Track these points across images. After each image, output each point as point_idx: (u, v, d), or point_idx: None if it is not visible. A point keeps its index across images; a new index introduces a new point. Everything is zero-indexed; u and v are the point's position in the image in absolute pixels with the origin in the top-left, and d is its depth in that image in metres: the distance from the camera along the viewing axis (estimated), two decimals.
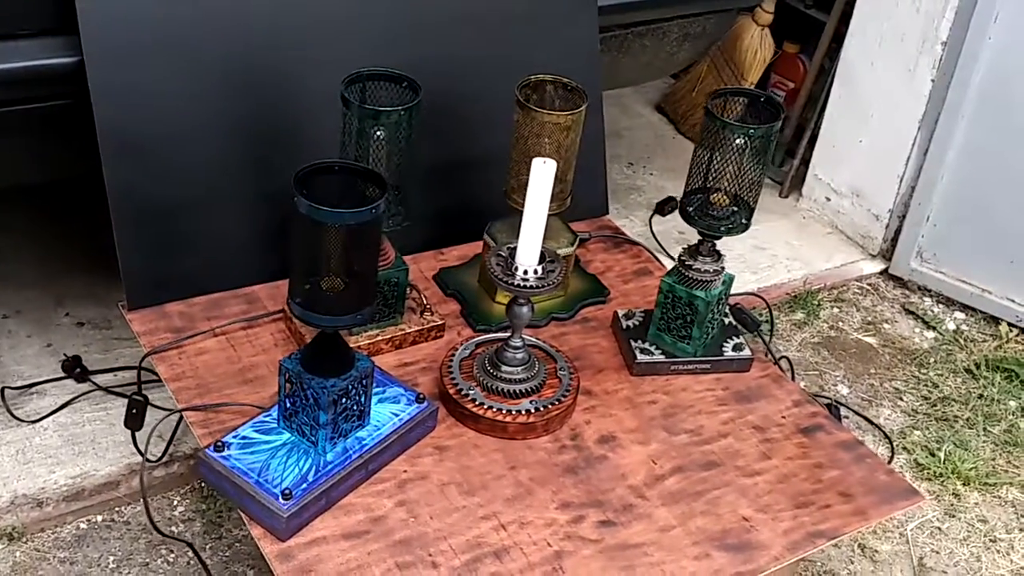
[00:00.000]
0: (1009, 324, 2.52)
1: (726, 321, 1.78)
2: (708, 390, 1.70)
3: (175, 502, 1.83)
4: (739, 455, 1.58)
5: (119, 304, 1.69)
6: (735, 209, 1.62)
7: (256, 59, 1.72)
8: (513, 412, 1.54)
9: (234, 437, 1.41)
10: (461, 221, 1.90)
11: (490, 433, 1.54)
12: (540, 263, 1.49)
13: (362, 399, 1.42)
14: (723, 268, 1.67)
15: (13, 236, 2.35)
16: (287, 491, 1.34)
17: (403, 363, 1.65)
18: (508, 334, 1.57)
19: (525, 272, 1.48)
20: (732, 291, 2.51)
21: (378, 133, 1.48)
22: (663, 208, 2.84)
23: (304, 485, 1.36)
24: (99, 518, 1.78)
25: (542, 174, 1.41)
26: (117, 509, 1.80)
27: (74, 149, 1.64)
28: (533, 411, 1.55)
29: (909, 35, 2.44)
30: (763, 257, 2.69)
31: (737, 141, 1.53)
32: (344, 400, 1.38)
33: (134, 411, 1.64)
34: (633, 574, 1.38)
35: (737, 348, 1.73)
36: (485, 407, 1.54)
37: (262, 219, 1.74)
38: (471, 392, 1.56)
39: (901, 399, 2.31)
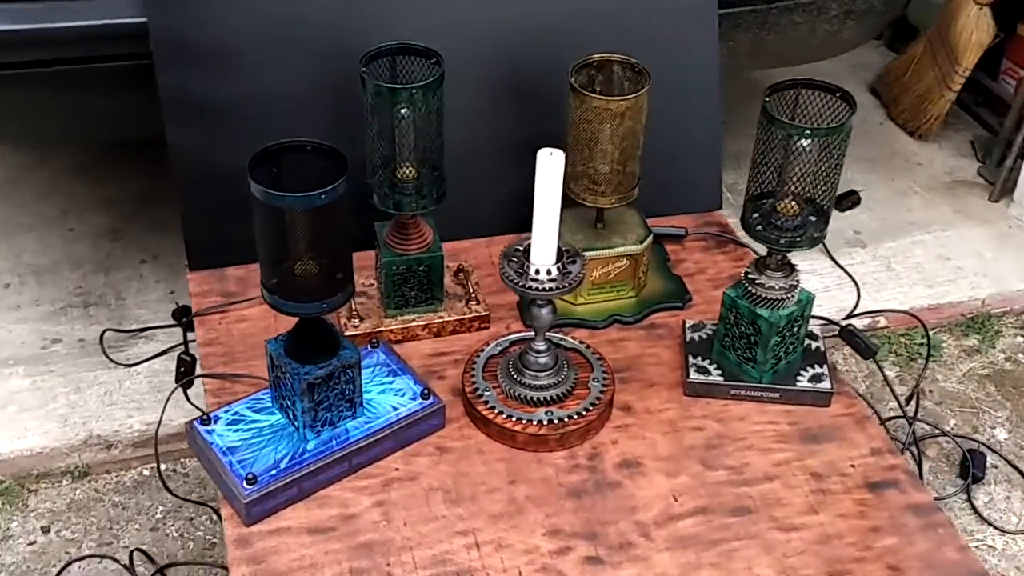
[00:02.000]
0: None
1: (813, 345, 1.55)
2: (770, 423, 1.49)
3: None
4: (780, 504, 1.38)
5: (184, 265, 1.72)
6: (811, 219, 1.40)
7: (331, 23, 1.68)
8: (524, 421, 1.42)
9: (226, 412, 1.40)
10: None
11: (500, 440, 1.43)
12: (558, 261, 1.35)
13: (350, 389, 1.36)
14: (796, 284, 1.45)
15: (169, 183, 2.47)
16: (252, 476, 1.30)
17: (438, 352, 1.57)
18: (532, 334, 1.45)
19: (537, 272, 1.35)
20: (884, 307, 2.24)
21: (402, 111, 1.39)
22: (842, 202, 2.56)
23: (274, 472, 1.32)
24: (163, 467, 1.84)
25: (549, 166, 1.27)
26: (181, 460, 1.85)
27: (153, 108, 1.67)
28: (546, 423, 1.42)
29: None
30: (945, 269, 2.35)
31: (802, 142, 1.31)
32: (325, 389, 1.32)
33: (182, 369, 1.67)
34: None
35: (816, 379, 1.51)
36: (496, 411, 1.43)
37: None
38: (486, 394, 1.45)
39: None
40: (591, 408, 1.44)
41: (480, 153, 1.74)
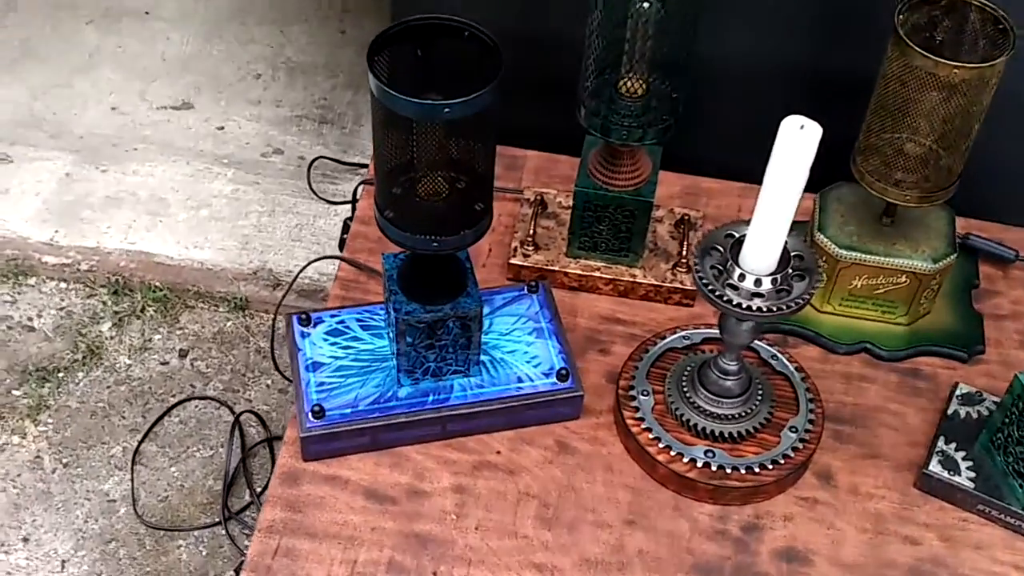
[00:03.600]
0: None
1: None
2: (1017, 568, 1.04)
3: None
4: None
5: None
6: None
7: None
8: (674, 452, 1.07)
9: (331, 316, 1.16)
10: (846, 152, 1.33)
11: (638, 462, 1.10)
12: (777, 271, 0.96)
13: (466, 343, 1.06)
14: None
15: None
16: (319, 408, 1.06)
17: (615, 317, 1.23)
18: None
19: (742, 278, 0.96)
20: None
21: (641, 5, 1.01)
22: None
23: (348, 411, 1.07)
24: None
25: (796, 143, 0.86)
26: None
27: None
28: (701, 464, 1.06)
29: None
30: None
31: None
32: (430, 335, 1.04)
33: (345, 236, 1.46)
34: None
35: None
36: (643, 426, 1.09)
37: (542, 70, 1.35)
38: (641, 398, 1.11)
39: None
40: (771, 466, 1.06)
41: (767, 81, 1.33)
